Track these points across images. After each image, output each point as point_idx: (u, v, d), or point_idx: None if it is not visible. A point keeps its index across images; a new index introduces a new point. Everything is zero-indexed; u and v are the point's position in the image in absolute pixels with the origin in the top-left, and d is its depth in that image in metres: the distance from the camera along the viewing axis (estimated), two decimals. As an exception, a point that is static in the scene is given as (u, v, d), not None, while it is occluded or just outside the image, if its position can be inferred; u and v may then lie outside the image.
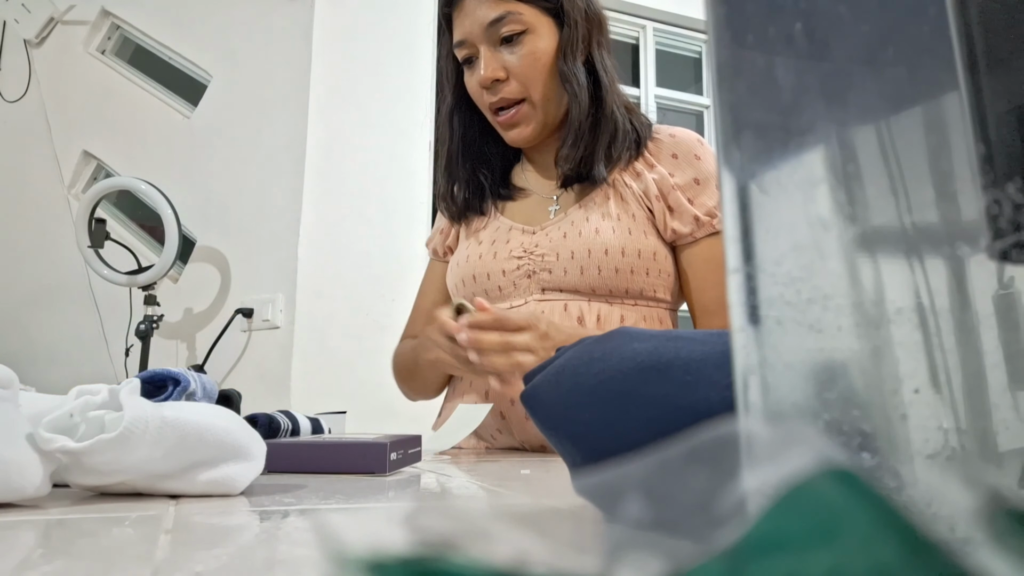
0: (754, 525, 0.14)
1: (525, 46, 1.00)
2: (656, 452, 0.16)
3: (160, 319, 2.38)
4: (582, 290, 0.99)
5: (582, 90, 1.00)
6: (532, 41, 1.00)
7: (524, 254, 1.03)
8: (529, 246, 1.03)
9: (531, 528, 0.15)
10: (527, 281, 1.02)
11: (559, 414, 0.38)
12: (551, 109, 1.02)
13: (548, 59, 1.00)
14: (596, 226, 1.00)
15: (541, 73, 1.00)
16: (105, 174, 2.82)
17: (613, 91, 1.03)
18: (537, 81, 1.00)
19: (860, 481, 0.14)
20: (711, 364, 0.33)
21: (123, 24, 2.90)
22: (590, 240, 0.99)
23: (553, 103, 1.02)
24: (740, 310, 0.20)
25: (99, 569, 0.26)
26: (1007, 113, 0.17)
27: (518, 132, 1.03)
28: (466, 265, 1.08)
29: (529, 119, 1.02)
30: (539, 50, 1.00)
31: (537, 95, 1.01)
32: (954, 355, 0.19)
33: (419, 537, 0.14)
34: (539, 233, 1.04)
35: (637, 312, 1.00)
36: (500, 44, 1.00)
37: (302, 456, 0.61)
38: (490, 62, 1.00)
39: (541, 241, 1.02)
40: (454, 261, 1.12)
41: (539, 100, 1.01)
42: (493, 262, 1.05)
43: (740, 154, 0.20)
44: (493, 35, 1.00)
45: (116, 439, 0.41)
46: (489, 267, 1.05)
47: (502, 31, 0.99)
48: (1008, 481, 0.18)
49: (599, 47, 1.04)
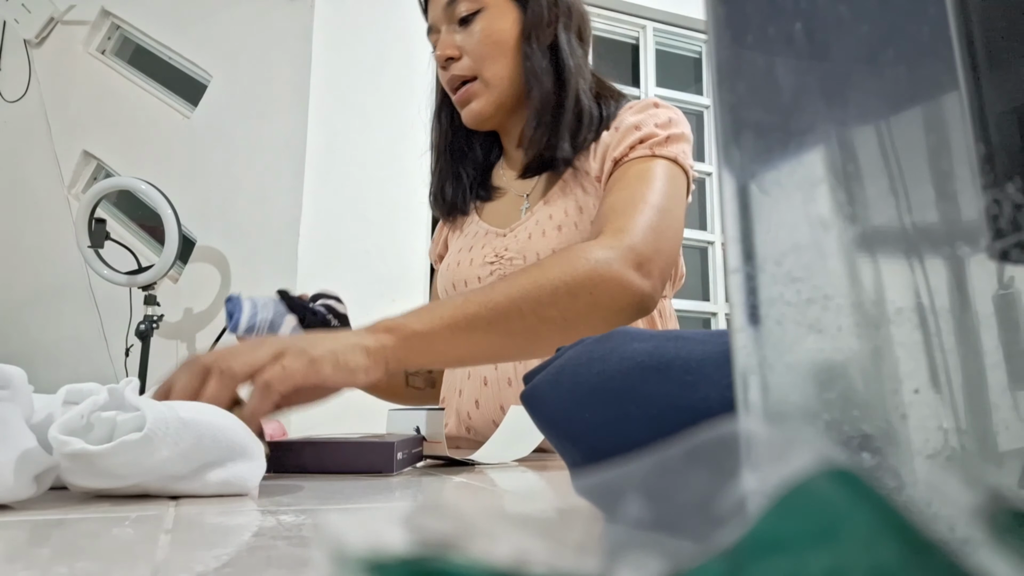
0: (754, 525, 0.14)
1: (479, 24, 1.00)
2: (656, 452, 0.16)
3: (160, 319, 2.38)
4: None
5: (543, 73, 1.00)
6: (487, 19, 1.00)
7: (496, 259, 1.02)
8: (500, 250, 1.03)
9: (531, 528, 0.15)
10: None
11: (559, 414, 0.38)
12: (505, 88, 1.02)
13: (505, 38, 1.00)
14: (559, 223, 0.99)
15: (493, 51, 1.00)
16: (105, 174, 2.82)
17: (579, 75, 1.02)
18: (488, 59, 1.00)
19: (860, 481, 0.14)
20: (711, 364, 0.33)
21: (123, 24, 2.90)
22: (554, 239, 0.99)
23: (507, 82, 1.01)
24: (740, 310, 0.20)
25: (99, 569, 0.26)
26: (1007, 113, 0.17)
27: (469, 110, 1.03)
28: (447, 273, 1.09)
29: (480, 96, 1.02)
30: (494, 29, 1.00)
31: (488, 73, 1.01)
32: (954, 355, 0.19)
33: (419, 537, 0.14)
34: (508, 236, 1.04)
35: None
36: (458, 24, 1.01)
37: (308, 456, 0.61)
38: (444, 40, 1.02)
39: (510, 244, 1.02)
40: (441, 267, 1.13)
41: (490, 78, 1.01)
42: (470, 268, 1.05)
43: (740, 154, 0.20)
44: (451, 15, 1.01)
45: (141, 441, 0.41)
46: (466, 274, 1.05)
47: (458, 10, 1.00)
48: (1008, 481, 0.18)
49: (566, 30, 1.03)
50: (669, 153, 0.93)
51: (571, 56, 1.02)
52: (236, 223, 2.50)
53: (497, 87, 1.01)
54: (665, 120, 0.97)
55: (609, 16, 3.08)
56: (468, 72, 1.01)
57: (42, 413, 0.44)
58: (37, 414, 0.44)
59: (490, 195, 1.11)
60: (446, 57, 1.01)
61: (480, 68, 1.01)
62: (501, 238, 1.04)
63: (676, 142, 0.95)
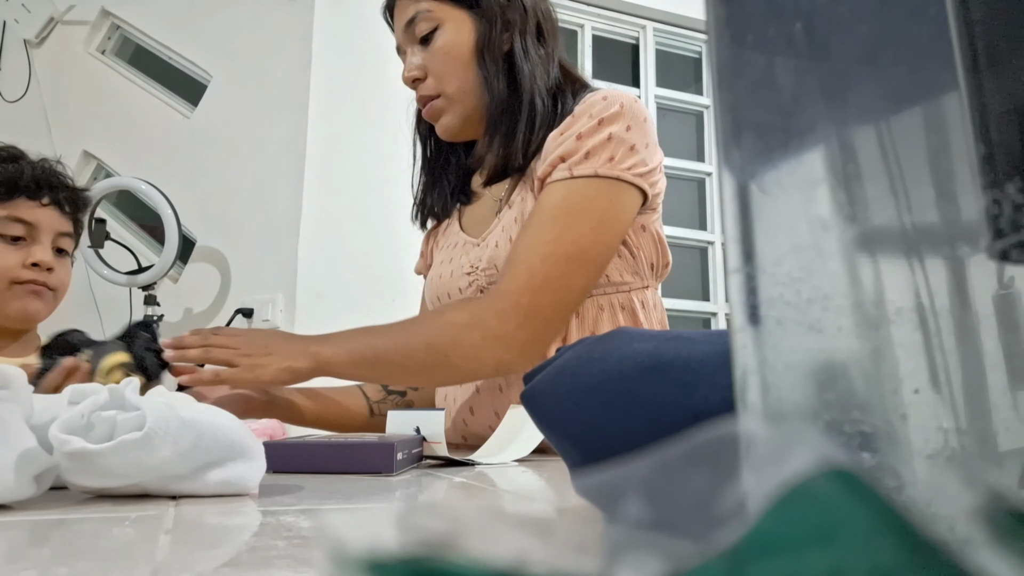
0: (754, 525, 0.14)
1: (437, 41, 1.01)
2: (656, 452, 0.16)
3: (160, 319, 2.38)
4: None
5: (496, 80, 1.00)
6: (444, 36, 1.01)
7: (472, 270, 1.03)
8: (475, 260, 1.03)
9: (531, 528, 0.15)
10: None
11: (559, 414, 0.38)
12: (470, 101, 1.02)
13: (462, 52, 1.00)
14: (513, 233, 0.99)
15: (453, 67, 1.01)
16: (105, 174, 2.82)
17: (535, 78, 1.01)
18: (449, 76, 1.01)
19: (860, 481, 0.14)
20: (711, 364, 0.33)
21: (123, 24, 2.90)
22: None
23: (469, 95, 1.02)
24: (740, 310, 0.20)
25: (99, 569, 0.26)
26: (1007, 113, 0.17)
27: (440, 125, 1.04)
28: (431, 286, 1.11)
29: (446, 112, 1.03)
30: (451, 44, 1.00)
31: (451, 88, 1.01)
32: (954, 355, 0.19)
33: (419, 537, 0.14)
34: (481, 245, 1.04)
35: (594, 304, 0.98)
36: (419, 44, 1.02)
37: (308, 456, 0.61)
38: (409, 62, 1.03)
39: (483, 254, 1.02)
40: (426, 282, 1.15)
41: (453, 93, 1.01)
42: (451, 280, 1.06)
43: (740, 154, 0.20)
44: (411, 36, 1.02)
45: (141, 440, 0.41)
46: (448, 286, 1.06)
47: (416, 31, 1.01)
48: (1008, 481, 0.18)
49: (522, 35, 1.02)
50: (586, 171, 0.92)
51: (526, 61, 1.01)
52: (236, 223, 2.50)
53: (460, 101, 1.02)
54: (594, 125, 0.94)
55: (609, 16, 3.07)
56: (432, 91, 1.02)
57: (46, 414, 0.44)
58: (41, 414, 0.44)
59: (469, 199, 1.12)
60: (412, 79, 1.03)
61: (442, 85, 1.02)
62: (476, 248, 1.05)
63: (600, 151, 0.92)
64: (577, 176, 0.92)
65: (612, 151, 0.92)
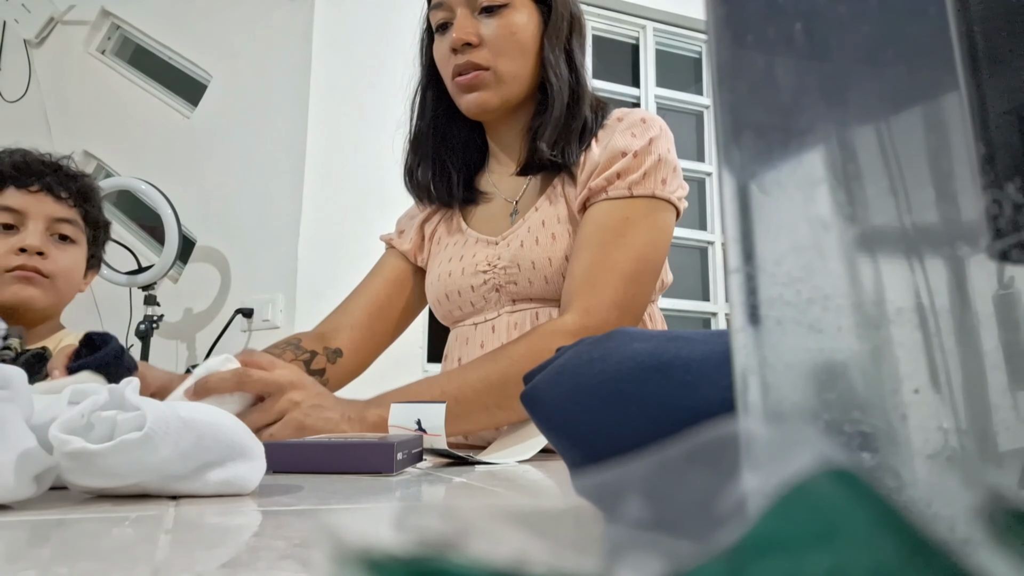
0: (754, 525, 0.14)
1: (504, 18, 1.00)
2: (656, 452, 0.16)
3: (160, 319, 2.38)
4: (550, 297, 0.99)
5: (563, 81, 1.01)
6: (511, 15, 1.00)
7: (488, 268, 1.02)
8: (492, 259, 1.02)
9: (531, 528, 0.15)
10: (496, 295, 1.02)
11: (559, 414, 0.38)
12: (515, 87, 1.01)
13: (525, 38, 1.00)
14: (552, 231, 1.00)
15: (513, 48, 1.00)
16: (105, 174, 2.82)
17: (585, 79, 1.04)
18: (507, 54, 1.00)
19: (860, 481, 0.14)
20: (711, 364, 0.33)
21: (123, 24, 2.90)
22: (548, 247, 0.99)
23: (518, 82, 1.01)
24: (740, 310, 0.20)
25: (99, 569, 0.26)
26: (1007, 113, 0.17)
27: (475, 97, 1.01)
28: (439, 284, 1.08)
29: (489, 87, 1.01)
30: (517, 26, 1.00)
31: (503, 68, 1.00)
32: (954, 355, 0.19)
33: (419, 537, 0.14)
34: (500, 244, 1.03)
35: None
36: (479, 12, 1.01)
37: (308, 456, 0.61)
38: (465, 24, 1.00)
39: (503, 253, 1.02)
40: (429, 279, 1.12)
41: (504, 73, 1.00)
42: (462, 279, 1.05)
43: (740, 154, 0.20)
44: (474, 1, 1.00)
45: (141, 440, 0.41)
46: (459, 284, 1.05)
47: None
48: (1008, 481, 0.18)
49: (579, 47, 1.05)
50: (645, 191, 0.95)
51: (582, 68, 1.04)
52: (236, 223, 2.50)
53: (508, 84, 1.01)
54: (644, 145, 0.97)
55: (609, 16, 3.08)
56: (484, 62, 1.00)
57: (46, 414, 0.44)
58: (41, 414, 0.44)
59: (475, 199, 1.11)
60: (464, 42, 0.99)
61: (496, 61, 1.00)
62: (493, 246, 1.04)
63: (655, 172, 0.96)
64: (637, 196, 0.95)
65: (664, 173, 0.97)
